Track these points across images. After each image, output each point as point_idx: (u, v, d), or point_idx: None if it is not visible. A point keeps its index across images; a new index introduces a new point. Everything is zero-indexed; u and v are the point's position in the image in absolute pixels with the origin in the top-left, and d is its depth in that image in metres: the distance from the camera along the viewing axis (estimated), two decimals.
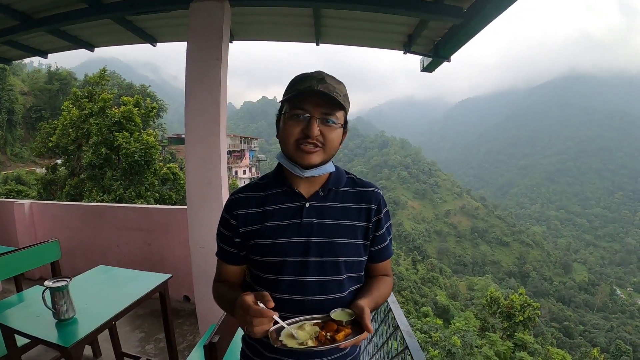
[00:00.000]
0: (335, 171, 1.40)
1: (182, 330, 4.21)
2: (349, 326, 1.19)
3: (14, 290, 4.01)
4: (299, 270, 1.30)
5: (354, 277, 1.37)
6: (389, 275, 1.50)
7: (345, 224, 1.34)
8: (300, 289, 1.30)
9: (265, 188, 1.39)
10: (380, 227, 1.40)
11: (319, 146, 1.26)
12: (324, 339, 1.15)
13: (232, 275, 1.47)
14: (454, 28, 3.70)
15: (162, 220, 5.12)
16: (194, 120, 3.53)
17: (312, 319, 1.23)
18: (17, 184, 34.30)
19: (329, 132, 1.26)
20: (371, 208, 1.38)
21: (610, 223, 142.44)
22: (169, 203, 22.01)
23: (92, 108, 22.46)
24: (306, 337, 1.16)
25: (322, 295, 1.30)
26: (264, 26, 4.64)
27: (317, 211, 1.33)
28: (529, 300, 38.56)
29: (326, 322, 1.21)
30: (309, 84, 1.23)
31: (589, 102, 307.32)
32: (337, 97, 1.23)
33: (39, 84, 57.59)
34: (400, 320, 1.64)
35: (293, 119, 1.25)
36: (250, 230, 1.35)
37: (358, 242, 1.35)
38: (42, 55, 5.46)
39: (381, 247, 1.42)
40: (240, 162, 69.62)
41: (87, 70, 54.24)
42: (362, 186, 1.42)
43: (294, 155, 1.28)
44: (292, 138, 1.26)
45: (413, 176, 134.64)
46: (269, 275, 1.34)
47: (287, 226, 1.31)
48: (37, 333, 2.26)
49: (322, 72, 1.28)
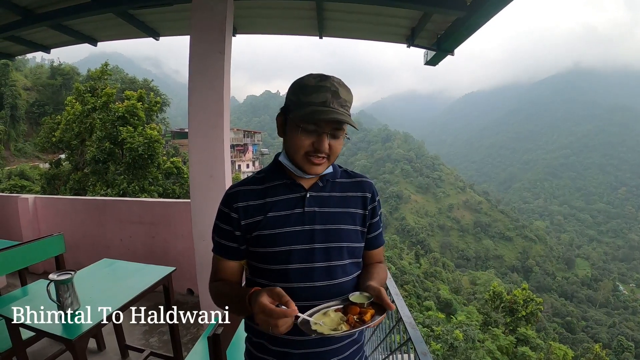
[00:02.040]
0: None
1: (186, 323, 4.22)
2: (370, 307, 1.22)
3: (18, 285, 4.03)
4: (307, 257, 1.33)
5: (355, 262, 1.42)
6: (383, 262, 1.57)
7: (346, 211, 1.40)
8: (309, 276, 1.33)
9: (264, 181, 1.42)
10: (375, 214, 1.47)
11: (326, 158, 1.30)
12: (354, 322, 1.17)
13: (230, 273, 1.46)
14: (457, 21, 3.70)
15: (165, 213, 5.15)
16: (197, 113, 3.54)
17: (332, 305, 1.25)
18: (21, 179, 34.36)
19: (336, 144, 1.30)
20: (367, 196, 1.45)
21: (614, 219, 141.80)
22: (172, 197, 21.95)
23: (95, 103, 22.50)
24: (336, 322, 1.18)
25: (330, 280, 1.34)
26: (266, 19, 4.65)
27: (318, 200, 1.38)
28: (531, 295, 38.63)
29: (347, 306, 1.24)
30: (324, 98, 1.24)
31: (593, 97, 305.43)
32: (348, 114, 1.27)
33: (41, 79, 57.76)
34: (403, 312, 1.65)
35: (305, 133, 1.27)
36: (252, 222, 1.36)
37: (357, 228, 1.41)
38: (45, 50, 5.47)
39: (376, 234, 1.50)
40: (244, 156, 69.75)
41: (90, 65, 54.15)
42: (356, 177, 1.49)
43: (301, 164, 1.31)
44: (302, 150, 1.28)
45: (416, 170, 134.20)
46: (277, 266, 1.34)
47: (290, 216, 1.34)
48: (42, 326, 2.28)
49: (335, 83, 1.27)
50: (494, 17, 3.28)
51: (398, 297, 1.82)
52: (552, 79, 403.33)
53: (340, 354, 1.40)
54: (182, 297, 4.86)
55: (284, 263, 1.33)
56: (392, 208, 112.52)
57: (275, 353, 1.40)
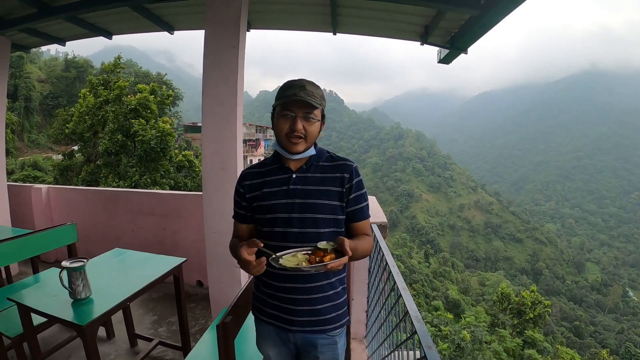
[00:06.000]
0: (315, 152, 1.78)
1: (195, 314, 4.26)
2: (332, 253, 1.54)
3: (30, 272, 4.10)
4: (285, 224, 1.71)
5: (336, 231, 1.75)
6: (369, 235, 1.85)
7: (322, 189, 1.73)
8: (287, 238, 1.71)
9: (265, 165, 1.83)
10: (353, 191, 1.76)
11: (302, 137, 1.67)
12: (314, 261, 1.51)
13: (242, 232, 1.89)
14: (471, 20, 3.68)
15: (177, 205, 5.19)
16: (211, 107, 3.57)
17: (302, 250, 1.60)
18: (34, 170, 34.58)
19: (309, 126, 1.68)
20: (344, 177, 1.75)
21: (625, 223, 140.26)
22: (183, 190, 22.06)
23: (107, 95, 22.65)
24: (300, 260, 1.54)
25: (303, 243, 1.67)
26: (280, 15, 4.65)
27: (302, 180, 1.74)
28: (540, 298, 38.41)
29: (314, 250, 1.57)
30: (293, 91, 1.63)
31: (607, 99, 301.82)
32: (314, 100, 1.64)
33: (56, 72, 57.95)
34: (409, 306, 1.67)
35: (283, 117, 1.68)
36: (253, 195, 1.78)
37: (334, 203, 1.73)
38: (60, 43, 5.50)
39: (355, 209, 1.78)
40: (256, 151, 69.71)
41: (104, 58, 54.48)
42: (338, 160, 1.81)
43: (285, 145, 1.71)
44: (283, 132, 1.68)
45: (428, 169, 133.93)
46: (266, 229, 1.76)
47: (278, 191, 1.73)
48: (54, 312, 2.32)
49: (303, 80, 1.68)
50: (507, 16, 3.27)
51: (405, 291, 1.84)
52: (568, 79, 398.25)
53: (311, 293, 1.75)
54: (191, 288, 4.90)
55: (270, 226, 1.74)
56: (403, 206, 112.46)
57: (267, 286, 1.81)
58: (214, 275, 3.77)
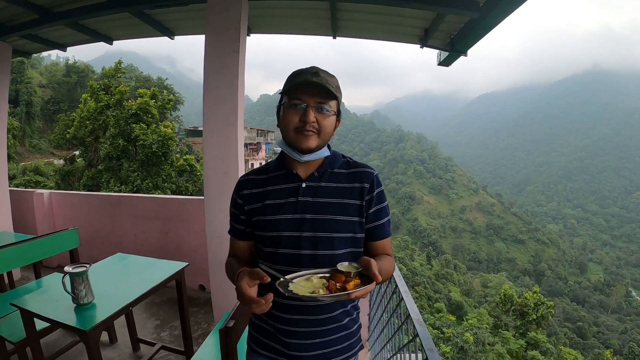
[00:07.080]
0: (330, 155, 1.50)
1: (197, 319, 4.27)
2: (357, 277, 1.20)
3: (32, 277, 4.10)
4: (294, 244, 1.40)
5: (354, 252, 1.46)
6: (390, 255, 1.55)
7: (338, 202, 1.43)
8: (295, 262, 1.40)
9: (268, 171, 1.52)
10: (373, 204, 1.47)
11: (314, 132, 1.38)
12: (334, 289, 1.17)
13: (241, 251, 1.59)
14: (470, 22, 3.70)
15: (179, 210, 5.20)
16: (212, 111, 3.59)
17: (318, 272, 1.28)
18: (35, 175, 34.62)
19: (323, 119, 1.38)
20: (364, 187, 1.46)
21: (628, 223, 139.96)
22: (185, 194, 22.12)
23: (108, 100, 22.74)
24: (316, 287, 1.20)
25: (316, 268, 1.33)
26: (281, 19, 4.68)
27: (313, 191, 1.44)
28: (542, 299, 38.27)
29: (332, 274, 1.25)
30: (304, 77, 1.35)
31: (609, 99, 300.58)
32: (330, 87, 1.34)
33: (57, 77, 58.15)
34: (411, 309, 1.67)
35: (292, 108, 1.37)
36: (253, 207, 1.48)
37: (352, 219, 1.44)
38: (61, 49, 5.53)
39: (375, 225, 1.49)
40: (257, 155, 69.74)
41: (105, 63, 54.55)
42: (356, 167, 1.52)
43: (293, 141, 1.40)
44: (291, 125, 1.38)
45: (429, 171, 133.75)
46: (269, 249, 1.45)
47: (284, 204, 1.43)
48: (56, 317, 2.32)
49: (315, 67, 1.40)
50: (506, 18, 3.29)
51: (407, 295, 1.84)
52: (570, 80, 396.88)
53: (325, 325, 1.46)
54: (194, 293, 4.90)
55: (274, 247, 1.44)
56: (405, 209, 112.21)
57: (268, 315, 1.50)
58: (216, 279, 3.78)
